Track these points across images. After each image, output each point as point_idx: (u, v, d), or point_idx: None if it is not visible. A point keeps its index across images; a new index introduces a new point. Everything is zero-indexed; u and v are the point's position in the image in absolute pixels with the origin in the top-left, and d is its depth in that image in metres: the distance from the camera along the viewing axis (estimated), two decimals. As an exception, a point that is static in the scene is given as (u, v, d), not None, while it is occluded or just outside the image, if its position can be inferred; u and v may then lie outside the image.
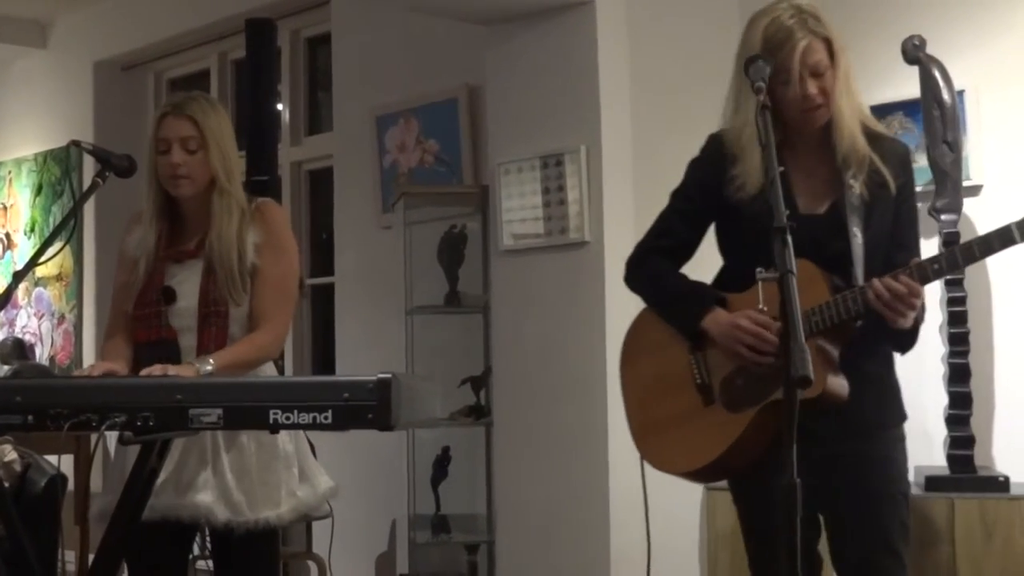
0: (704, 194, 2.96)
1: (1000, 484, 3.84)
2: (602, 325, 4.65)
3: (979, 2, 4.20)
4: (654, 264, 3.03)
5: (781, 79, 2.78)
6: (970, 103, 4.14)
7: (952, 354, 3.93)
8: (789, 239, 2.27)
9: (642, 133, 4.83)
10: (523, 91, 4.96)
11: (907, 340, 2.83)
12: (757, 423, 2.76)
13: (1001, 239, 2.69)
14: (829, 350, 2.76)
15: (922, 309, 2.76)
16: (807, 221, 2.76)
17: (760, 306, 2.71)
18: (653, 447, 2.99)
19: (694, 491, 4.42)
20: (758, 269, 2.29)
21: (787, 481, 2.15)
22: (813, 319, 2.73)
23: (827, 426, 2.75)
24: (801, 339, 2.13)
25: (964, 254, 2.71)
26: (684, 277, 3.01)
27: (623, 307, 4.67)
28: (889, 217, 2.86)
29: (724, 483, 4.34)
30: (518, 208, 4.93)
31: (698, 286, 2.97)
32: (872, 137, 2.87)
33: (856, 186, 2.82)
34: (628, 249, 4.71)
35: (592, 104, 4.73)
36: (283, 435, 3.19)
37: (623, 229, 4.72)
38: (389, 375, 2.26)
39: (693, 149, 4.72)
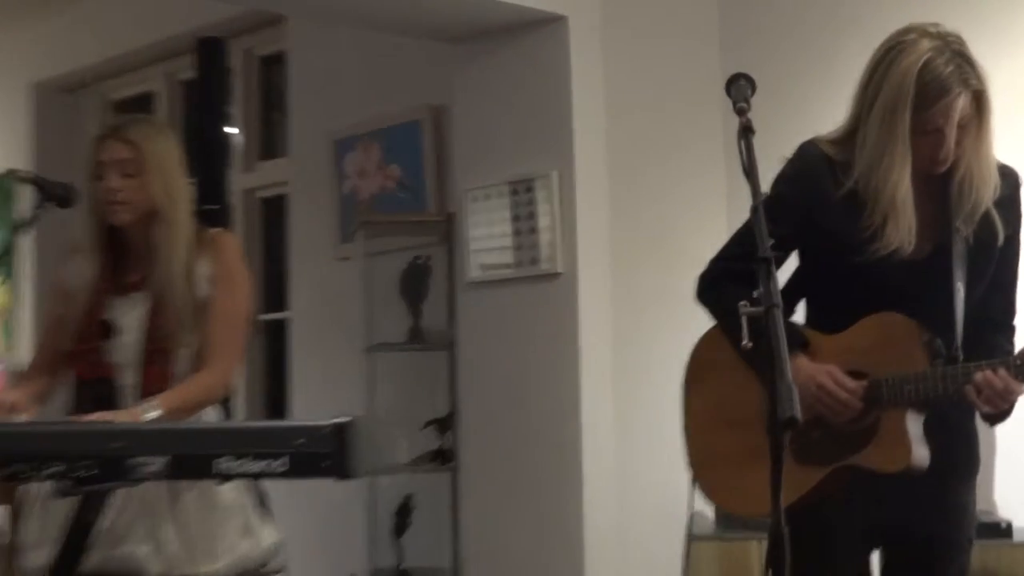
0: (796, 217, 2.82)
1: (1003, 530, 3.84)
2: (576, 362, 4.64)
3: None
4: (729, 291, 2.85)
5: (925, 129, 2.71)
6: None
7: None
8: (774, 270, 2.26)
9: (618, 157, 4.84)
10: (491, 113, 4.96)
11: (999, 417, 2.81)
12: (827, 482, 2.78)
13: None
14: (916, 418, 2.76)
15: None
16: (906, 266, 2.76)
17: (745, 342, 2.69)
18: (713, 483, 2.99)
19: (675, 539, 4.40)
20: (741, 303, 2.27)
21: (774, 530, 2.13)
22: (907, 388, 2.72)
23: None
24: (788, 377, 2.11)
25: None
26: None
27: (598, 342, 4.69)
28: (992, 267, 2.83)
29: (708, 531, 4.35)
30: (486, 237, 4.92)
31: None
32: None
33: (964, 230, 2.78)
34: (604, 281, 4.77)
35: (565, 126, 4.73)
36: (227, 487, 3.17)
37: (598, 259, 4.72)
38: (347, 419, 2.24)
39: (673, 174, 4.74)
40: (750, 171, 2.42)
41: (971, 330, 2.79)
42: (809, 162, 2.89)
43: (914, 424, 2.75)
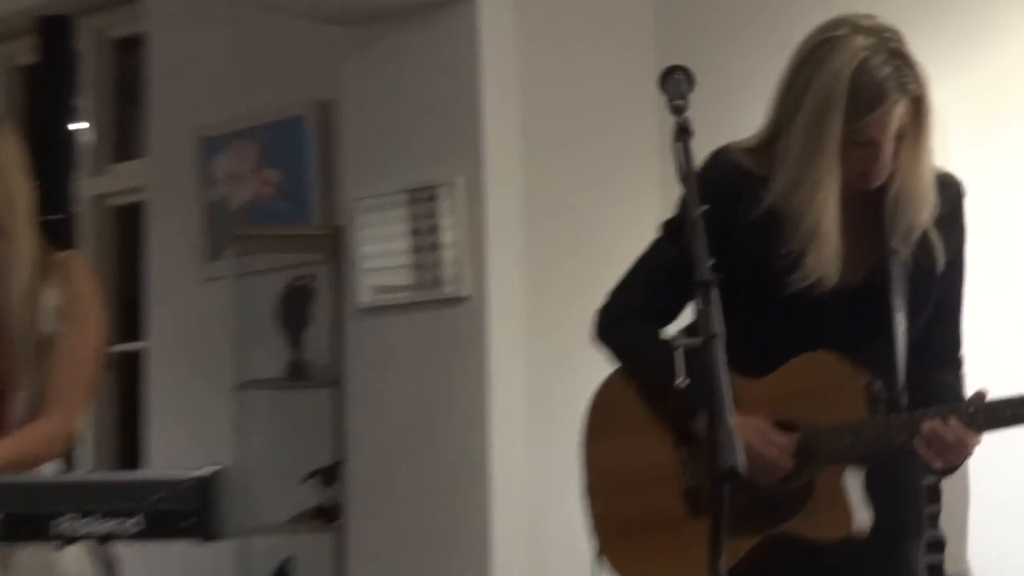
0: (707, 239, 2.67)
1: (976, 597, 3.90)
2: (483, 401, 4.65)
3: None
4: (638, 328, 2.96)
5: (857, 140, 2.70)
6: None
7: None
8: (715, 295, 2.28)
9: (535, 161, 4.86)
10: (387, 109, 4.97)
11: (949, 471, 2.81)
12: (758, 552, 2.77)
13: None
14: (855, 475, 2.77)
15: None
16: (837, 295, 2.75)
17: (679, 380, 2.70)
18: (624, 558, 2.97)
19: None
20: (674, 335, 2.30)
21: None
22: (845, 441, 2.73)
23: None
24: (729, 421, 2.13)
25: None
26: None
27: (511, 378, 4.69)
28: (934, 294, 2.85)
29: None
30: (380, 255, 4.93)
31: None
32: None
33: (902, 251, 2.79)
34: (517, 306, 4.78)
35: (473, 125, 4.76)
36: (69, 551, 3.14)
37: (511, 281, 4.73)
38: (214, 470, 2.23)
39: (599, 182, 4.75)
40: (687, 178, 2.42)
41: (913, 366, 2.81)
42: (721, 175, 2.88)
43: (853, 482, 2.76)
